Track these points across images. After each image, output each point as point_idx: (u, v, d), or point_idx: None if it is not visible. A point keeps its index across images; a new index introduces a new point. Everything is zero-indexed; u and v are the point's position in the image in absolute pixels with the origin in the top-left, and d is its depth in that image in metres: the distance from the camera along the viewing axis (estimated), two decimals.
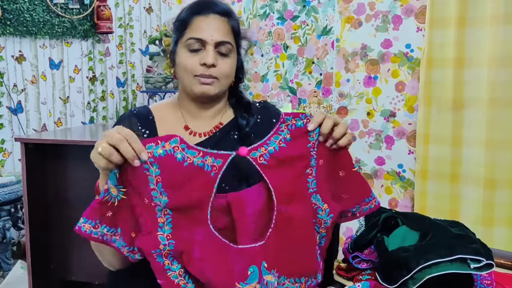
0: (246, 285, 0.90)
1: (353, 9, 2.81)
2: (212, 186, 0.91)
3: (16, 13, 2.83)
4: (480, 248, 0.89)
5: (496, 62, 2.31)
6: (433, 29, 2.51)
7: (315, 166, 0.99)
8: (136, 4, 3.67)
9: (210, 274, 0.90)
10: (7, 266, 2.55)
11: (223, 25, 1.14)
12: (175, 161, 0.89)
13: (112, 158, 0.86)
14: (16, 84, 2.91)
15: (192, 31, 1.12)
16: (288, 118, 0.99)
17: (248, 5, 3.22)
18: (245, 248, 0.92)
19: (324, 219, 0.99)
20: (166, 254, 0.90)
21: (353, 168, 1.02)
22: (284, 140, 0.98)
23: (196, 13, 1.14)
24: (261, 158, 0.96)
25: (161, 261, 0.90)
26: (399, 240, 0.98)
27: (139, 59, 3.73)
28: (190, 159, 0.90)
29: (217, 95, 1.17)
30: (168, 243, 0.90)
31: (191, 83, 1.14)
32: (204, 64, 1.11)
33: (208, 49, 1.11)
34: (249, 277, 0.91)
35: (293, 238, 0.96)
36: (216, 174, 0.92)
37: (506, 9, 2.27)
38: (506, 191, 2.35)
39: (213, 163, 0.92)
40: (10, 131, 2.88)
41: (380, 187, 2.80)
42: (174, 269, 0.91)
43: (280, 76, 3.15)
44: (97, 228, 0.89)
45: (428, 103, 2.56)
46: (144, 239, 0.90)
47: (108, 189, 0.89)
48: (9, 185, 2.51)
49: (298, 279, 0.97)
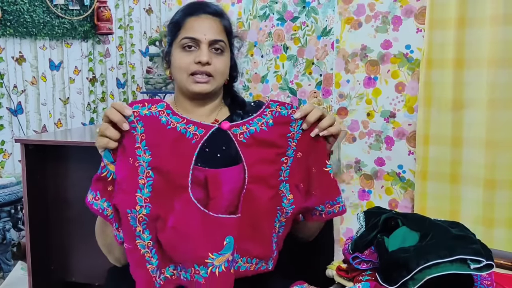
0: (220, 255, 0.91)
1: (353, 10, 2.81)
2: (193, 153, 0.94)
3: (16, 14, 2.83)
4: (480, 249, 0.89)
5: (496, 62, 2.32)
6: (433, 30, 2.51)
7: (292, 157, 1.02)
8: (136, 5, 3.68)
9: (180, 244, 0.91)
10: (7, 267, 2.55)
11: (215, 24, 1.18)
12: (159, 123, 0.92)
13: (107, 132, 0.90)
14: (16, 85, 2.91)
15: (186, 31, 1.16)
16: (273, 104, 1.01)
17: (248, 6, 3.22)
18: (224, 218, 0.93)
19: (286, 208, 1.02)
20: (141, 219, 0.91)
21: (325, 167, 1.04)
22: (266, 124, 1.00)
23: (189, 14, 1.18)
24: (241, 135, 0.99)
25: (133, 225, 0.91)
26: (399, 241, 0.98)
27: (139, 60, 3.74)
28: (173, 123, 0.93)
29: (212, 92, 1.20)
30: (145, 205, 0.92)
31: (186, 82, 1.16)
32: (199, 62, 1.14)
33: (202, 48, 1.15)
34: (224, 247, 0.92)
35: (254, 219, 0.98)
36: (197, 142, 0.94)
37: (505, 9, 2.27)
38: (506, 191, 2.35)
39: (195, 131, 0.95)
40: (10, 132, 2.88)
41: (380, 188, 2.80)
42: (143, 238, 0.92)
43: (280, 77, 3.15)
44: (97, 200, 0.93)
45: (428, 104, 2.56)
46: (121, 197, 0.91)
47: (105, 165, 0.92)
48: (9, 186, 2.51)
49: (250, 259, 1.00)
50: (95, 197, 0.93)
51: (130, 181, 0.91)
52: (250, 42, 3.23)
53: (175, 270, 0.96)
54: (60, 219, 2.23)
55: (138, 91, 3.69)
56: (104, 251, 1.10)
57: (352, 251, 1.09)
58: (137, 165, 0.92)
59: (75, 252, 2.25)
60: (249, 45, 3.23)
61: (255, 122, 1.00)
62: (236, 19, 3.26)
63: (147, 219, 0.92)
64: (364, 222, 1.14)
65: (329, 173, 1.04)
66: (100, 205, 0.94)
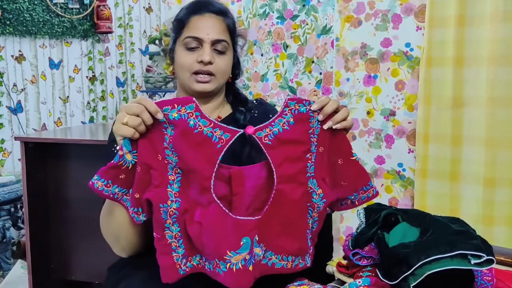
0: (237, 254, 0.95)
1: (352, 8, 2.81)
2: (217, 157, 0.96)
3: (16, 13, 2.83)
4: (481, 244, 0.89)
5: (496, 60, 2.31)
6: (433, 28, 2.51)
7: (315, 153, 1.03)
8: (135, 4, 3.68)
9: (205, 239, 0.95)
10: (7, 266, 2.55)
11: (219, 23, 1.20)
12: (187, 127, 0.95)
13: (140, 128, 0.92)
14: (16, 83, 2.91)
15: (189, 30, 1.18)
16: (291, 102, 1.02)
17: (248, 4, 3.22)
18: (242, 220, 0.96)
19: (317, 203, 1.03)
20: (171, 212, 0.96)
21: (351, 156, 1.06)
22: (288, 123, 1.02)
23: (193, 12, 1.19)
24: (265, 138, 1.00)
25: (164, 218, 0.96)
26: (400, 237, 0.98)
27: (139, 59, 3.74)
28: (201, 127, 0.96)
29: (214, 91, 1.21)
30: (175, 200, 0.97)
31: (189, 80, 1.18)
32: (201, 62, 1.16)
33: (205, 47, 1.16)
34: (241, 247, 0.95)
35: (287, 217, 1.01)
36: (222, 147, 0.96)
37: (505, 7, 2.27)
38: (506, 189, 2.35)
39: (221, 135, 0.97)
40: (10, 130, 2.88)
41: (380, 186, 2.80)
42: (172, 230, 0.97)
43: (280, 75, 3.15)
44: (109, 187, 0.96)
45: (428, 102, 2.56)
46: (154, 192, 0.96)
47: (123, 154, 0.95)
48: (8, 185, 2.51)
49: (286, 257, 1.03)
50: (106, 184, 0.96)
51: (160, 177, 0.96)
52: (250, 41, 3.22)
53: (201, 260, 1.00)
54: (60, 217, 2.24)
55: (138, 90, 3.69)
56: (110, 241, 1.11)
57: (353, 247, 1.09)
58: (166, 162, 0.97)
59: (75, 250, 2.25)
60: (249, 43, 3.23)
61: (277, 123, 1.02)
62: (235, 18, 3.26)
63: (177, 213, 0.97)
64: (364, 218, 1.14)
65: (356, 161, 1.07)
66: (111, 190, 0.96)
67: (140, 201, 0.97)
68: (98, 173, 0.96)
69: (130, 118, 0.92)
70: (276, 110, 1.37)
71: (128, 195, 0.98)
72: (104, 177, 0.96)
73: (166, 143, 0.96)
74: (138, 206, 0.98)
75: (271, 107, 1.35)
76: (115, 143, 1.15)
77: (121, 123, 0.93)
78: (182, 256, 0.99)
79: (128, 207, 0.99)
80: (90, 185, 0.96)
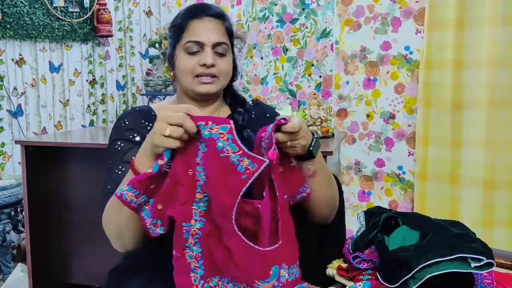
0: (266, 283, 0.91)
1: (352, 12, 2.82)
2: (241, 189, 0.90)
3: (16, 17, 2.84)
4: (481, 247, 0.89)
5: (495, 63, 2.32)
6: (432, 31, 2.52)
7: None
8: (135, 8, 3.68)
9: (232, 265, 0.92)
10: (7, 269, 2.54)
11: (218, 27, 1.20)
12: (214, 147, 0.90)
13: (184, 137, 0.89)
14: (16, 87, 2.92)
15: (190, 35, 1.18)
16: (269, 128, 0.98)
17: (248, 8, 3.23)
18: (269, 251, 0.92)
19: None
20: (194, 232, 0.93)
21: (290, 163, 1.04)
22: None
23: (192, 17, 1.20)
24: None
25: (186, 237, 0.93)
26: (400, 240, 0.99)
27: (139, 62, 3.74)
28: (228, 152, 0.90)
29: (217, 93, 1.22)
30: (199, 220, 0.93)
31: (192, 83, 1.19)
32: (204, 65, 1.16)
33: (206, 51, 1.17)
34: (270, 276, 0.92)
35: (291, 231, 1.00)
36: (247, 179, 0.91)
37: (504, 11, 2.28)
38: (505, 192, 2.35)
39: (248, 166, 0.91)
40: (10, 134, 2.89)
41: (380, 189, 2.81)
42: (193, 250, 0.94)
43: (280, 78, 3.16)
44: (137, 198, 0.91)
45: (427, 105, 2.57)
46: (178, 209, 0.93)
47: (164, 164, 0.91)
48: (9, 188, 2.51)
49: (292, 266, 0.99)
50: (136, 195, 0.91)
51: (188, 194, 0.93)
52: (249, 44, 3.23)
53: (219, 281, 0.96)
54: (60, 221, 2.24)
55: (138, 93, 3.69)
56: (111, 236, 1.06)
57: (353, 251, 1.09)
58: (196, 179, 0.93)
59: (75, 254, 2.25)
60: (249, 47, 3.24)
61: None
62: (235, 21, 3.27)
63: (200, 233, 0.93)
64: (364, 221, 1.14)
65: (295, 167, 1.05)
66: (139, 201, 0.92)
67: (161, 214, 0.93)
68: (130, 183, 0.90)
69: (173, 129, 0.88)
70: (273, 109, 1.38)
71: (148, 205, 0.94)
72: (137, 188, 0.91)
73: (199, 159, 0.92)
74: (158, 218, 0.94)
75: (268, 107, 1.36)
76: (119, 141, 1.15)
77: (163, 135, 0.88)
78: (200, 277, 0.95)
79: (145, 217, 0.94)
80: (118, 197, 0.90)
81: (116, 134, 1.18)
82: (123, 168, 1.10)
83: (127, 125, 1.18)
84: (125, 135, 1.16)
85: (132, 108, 1.28)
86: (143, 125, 1.18)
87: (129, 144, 1.15)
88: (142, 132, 1.16)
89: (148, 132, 0.97)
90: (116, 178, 1.08)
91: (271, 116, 1.29)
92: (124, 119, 1.20)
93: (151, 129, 1.14)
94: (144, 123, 1.18)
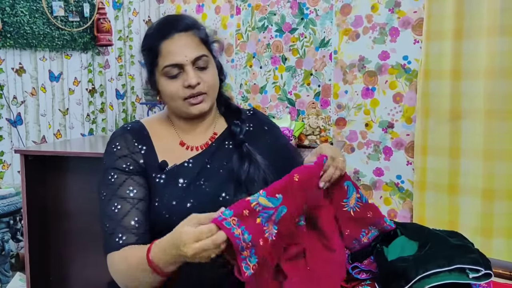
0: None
1: (350, 22, 2.84)
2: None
3: (16, 26, 2.85)
4: (479, 258, 0.89)
5: (493, 73, 2.33)
6: (430, 41, 2.53)
7: None
8: (135, 17, 3.70)
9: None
10: (6, 279, 2.53)
11: (191, 40, 1.13)
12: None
13: (218, 251, 0.86)
14: (16, 96, 2.92)
15: (165, 58, 1.11)
16: None
17: (247, 17, 3.25)
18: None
19: None
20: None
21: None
22: None
23: (162, 37, 1.12)
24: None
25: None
26: (398, 250, 0.99)
27: (138, 71, 3.75)
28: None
29: (210, 108, 1.18)
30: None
31: (183, 107, 1.14)
32: (189, 86, 1.10)
33: (187, 70, 1.11)
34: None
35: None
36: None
37: (502, 21, 2.29)
38: (504, 201, 2.35)
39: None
40: (9, 143, 2.89)
41: (379, 198, 2.81)
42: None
43: (279, 87, 3.17)
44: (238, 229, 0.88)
45: (426, 114, 2.58)
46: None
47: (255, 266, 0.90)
48: (8, 197, 2.51)
49: None
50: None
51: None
52: (249, 53, 3.25)
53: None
54: (59, 230, 2.23)
55: (138, 102, 3.70)
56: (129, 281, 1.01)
57: (352, 261, 1.09)
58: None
59: (74, 263, 2.24)
60: (248, 56, 3.25)
61: None
62: (235, 31, 3.29)
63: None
64: None
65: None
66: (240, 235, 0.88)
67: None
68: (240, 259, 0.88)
69: (215, 251, 0.85)
70: (269, 119, 1.34)
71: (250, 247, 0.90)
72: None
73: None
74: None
75: (264, 117, 1.32)
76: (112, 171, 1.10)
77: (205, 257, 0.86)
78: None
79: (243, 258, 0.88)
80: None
81: (109, 161, 1.12)
82: (118, 205, 1.06)
83: (120, 150, 1.13)
84: (118, 163, 1.11)
85: (122, 128, 1.18)
86: (136, 149, 1.13)
87: (123, 176, 1.10)
88: (135, 159, 1.12)
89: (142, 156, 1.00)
90: (112, 216, 1.05)
91: (269, 129, 1.27)
92: (115, 142, 1.14)
93: (145, 152, 1.13)
94: (138, 147, 1.14)
